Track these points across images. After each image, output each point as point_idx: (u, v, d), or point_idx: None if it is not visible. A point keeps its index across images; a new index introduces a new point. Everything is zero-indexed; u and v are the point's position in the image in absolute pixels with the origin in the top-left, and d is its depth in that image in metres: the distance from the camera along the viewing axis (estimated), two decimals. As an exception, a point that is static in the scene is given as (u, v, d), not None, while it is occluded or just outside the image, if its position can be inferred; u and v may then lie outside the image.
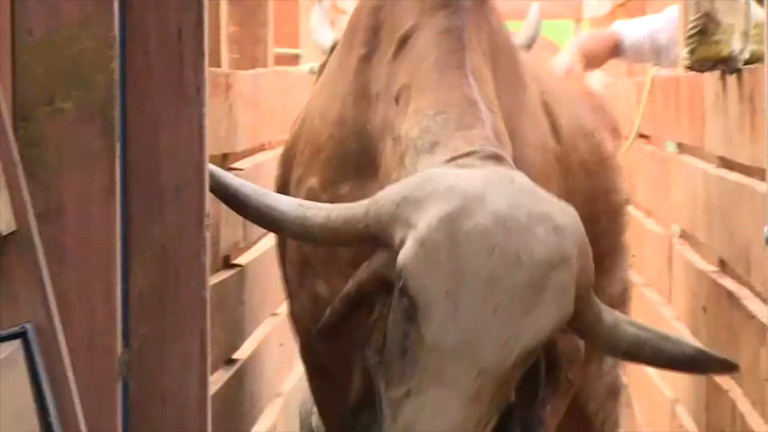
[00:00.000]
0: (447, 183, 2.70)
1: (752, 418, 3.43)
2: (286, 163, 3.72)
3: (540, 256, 2.57)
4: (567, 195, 3.16)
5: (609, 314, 2.76)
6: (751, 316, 3.46)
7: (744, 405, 3.56)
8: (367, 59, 3.33)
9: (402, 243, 2.74)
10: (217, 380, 3.38)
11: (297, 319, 3.68)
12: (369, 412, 2.94)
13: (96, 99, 2.39)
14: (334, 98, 3.44)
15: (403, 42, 3.17)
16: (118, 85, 2.42)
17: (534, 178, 2.97)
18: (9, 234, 2.13)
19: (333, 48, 3.90)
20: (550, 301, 2.56)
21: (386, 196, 2.88)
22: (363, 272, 2.98)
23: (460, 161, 2.83)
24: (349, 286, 3.00)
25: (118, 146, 2.41)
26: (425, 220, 2.67)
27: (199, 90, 2.68)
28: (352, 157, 3.29)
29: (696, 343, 4.20)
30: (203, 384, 2.76)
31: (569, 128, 3.59)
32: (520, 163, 3.04)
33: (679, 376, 4.62)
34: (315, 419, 4.71)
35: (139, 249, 2.62)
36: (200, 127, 2.67)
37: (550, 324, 2.59)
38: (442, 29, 3.12)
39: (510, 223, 2.55)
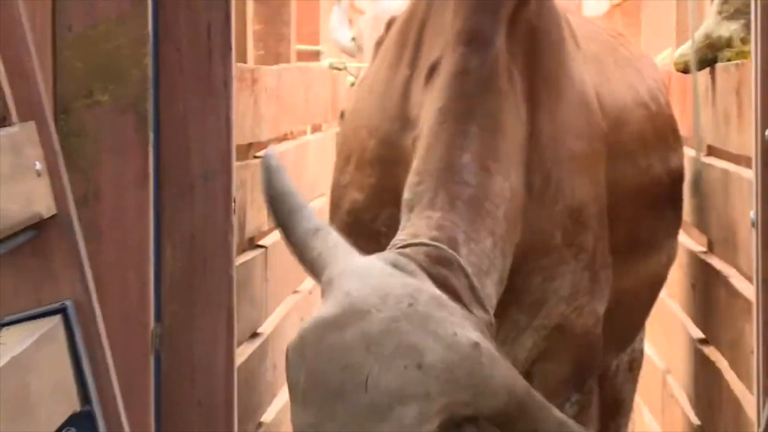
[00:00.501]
0: (349, 287, 2.50)
1: (738, 387, 3.41)
2: (338, 155, 3.51)
3: (387, 387, 2.34)
4: (615, 174, 3.10)
5: (552, 425, 2.52)
6: (737, 294, 3.44)
7: (730, 376, 3.54)
8: (409, 81, 3.11)
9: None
10: (242, 353, 3.35)
11: None
12: None
13: (130, 93, 2.38)
14: (382, 116, 3.20)
15: (431, 73, 2.94)
16: (151, 79, 2.41)
17: (579, 169, 2.91)
18: (50, 217, 2.11)
19: (379, 43, 3.52)
20: (397, 427, 2.34)
21: (329, 271, 2.62)
22: None
23: (403, 251, 2.63)
24: None
25: (151, 136, 2.39)
26: (313, 317, 2.50)
27: (227, 84, 2.68)
28: (393, 186, 3.04)
29: (689, 325, 4.21)
30: (230, 357, 2.75)
31: (619, 105, 3.33)
32: (558, 162, 2.92)
33: (671, 349, 4.61)
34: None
35: (170, 232, 2.62)
36: (227, 119, 2.67)
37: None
38: (457, 70, 2.87)
39: (373, 348, 2.37)
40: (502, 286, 2.78)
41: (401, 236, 2.71)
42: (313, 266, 2.64)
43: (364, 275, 2.54)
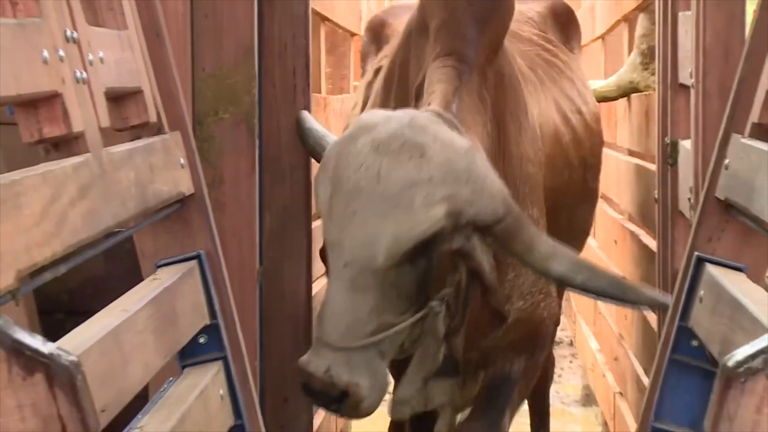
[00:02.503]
0: (365, 116, 2.18)
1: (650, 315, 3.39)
2: None
3: (395, 176, 2.01)
4: (552, 183, 2.64)
5: (546, 246, 2.13)
6: (644, 246, 3.42)
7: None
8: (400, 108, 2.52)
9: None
10: (317, 285, 3.34)
11: None
12: None
13: (243, 111, 2.38)
14: None
15: (417, 92, 2.38)
16: (257, 103, 2.40)
17: (533, 187, 2.52)
18: (189, 195, 2.11)
19: (369, 85, 3.02)
20: (403, 215, 1.99)
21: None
22: None
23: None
24: None
25: (257, 142, 2.39)
26: (334, 141, 2.19)
27: (306, 108, 2.68)
28: None
29: (613, 267, 4.18)
30: (308, 287, 2.75)
31: (551, 127, 2.81)
32: (523, 180, 2.50)
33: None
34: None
35: (269, 205, 2.62)
36: (307, 131, 2.65)
37: (406, 234, 2.00)
38: (440, 68, 2.31)
39: (381, 149, 2.03)
40: None
41: None
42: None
43: (371, 113, 2.24)
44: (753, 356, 1.11)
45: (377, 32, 3.27)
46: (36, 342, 1.06)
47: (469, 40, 2.33)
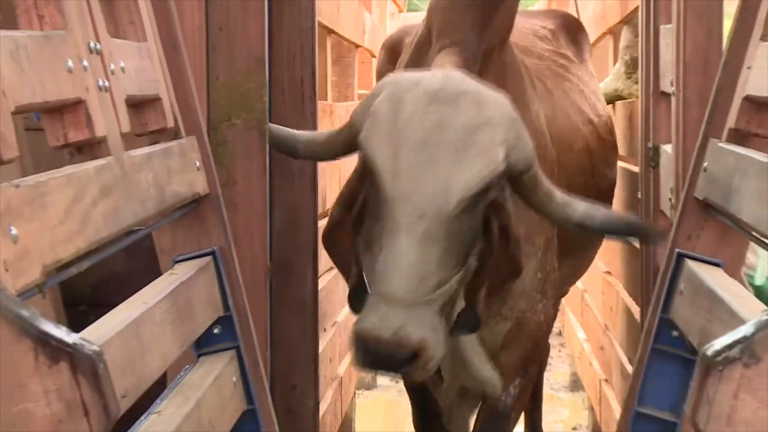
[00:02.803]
0: (393, 77, 2.06)
1: (629, 301, 3.38)
2: None
3: (461, 121, 1.91)
4: (568, 186, 2.32)
5: (561, 195, 2.05)
6: (629, 243, 3.41)
7: (624, 294, 3.52)
8: None
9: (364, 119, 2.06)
10: (323, 279, 3.35)
11: None
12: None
13: (255, 118, 2.36)
14: None
15: None
16: (267, 110, 2.39)
17: None
18: (204, 195, 2.10)
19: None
20: (473, 157, 1.89)
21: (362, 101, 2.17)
22: (351, 176, 2.20)
23: None
24: (342, 190, 2.22)
25: (267, 146, 2.38)
26: (376, 103, 2.00)
27: (313, 114, 2.69)
28: None
29: (600, 263, 4.17)
30: (315, 281, 2.74)
31: (566, 133, 2.75)
32: None
33: (587, 278, 4.56)
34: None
35: (279, 204, 2.61)
36: (314, 136, 2.63)
37: (477, 176, 1.90)
38: (443, 51, 2.22)
39: (438, 96, 1.93)
40: None
41: None
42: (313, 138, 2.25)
43: (396, 76, 2.09)
44: (730, 346, 1.10)
45: (393, 51, 3.18)
46: (61, 333, 1.06)
47: (471, 33, 2.24)
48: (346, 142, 2.13)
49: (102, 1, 1.74)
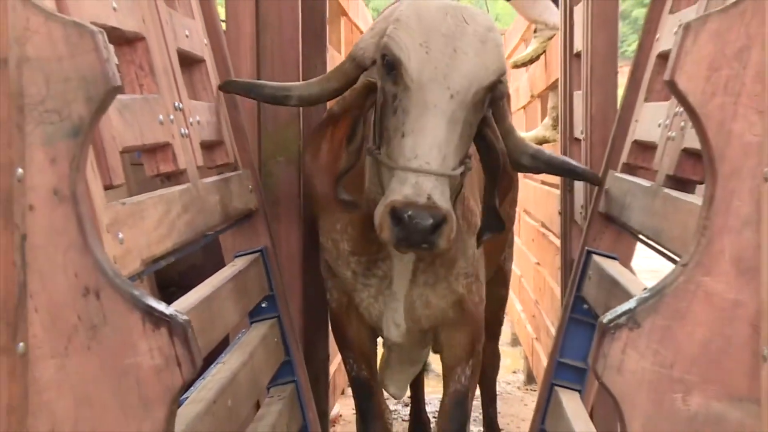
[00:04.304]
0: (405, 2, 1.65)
1: (552, 284, 3.37)
2: None
3: (478, 19, 1.58)
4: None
5: (518, 135, 1.77)
6: (552, 243, 3.40)
7: (549, 279, 3.50)
8: None
9: (383, 35, 1.63)
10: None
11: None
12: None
13: (292, 157, 2.35)
14: None
15: None
16: (300, 150, 2.37)
17: (471, 185, 1.91)
18: (255, 210, 2.09)
19: None
20: (491, 51, 1.56)
21: (363, 36, 1.75)
22: (352, 88, 1.72)
23: None
24: (343, 99, 1.72)
25: (300, 176, 2.36)
26: (398, 13, 1.61)
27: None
28: None
29: (532, 258, 4.15)
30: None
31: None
32: (471, 180, 1.88)
33: (522, 269, 4.53)
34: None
35: (304, 217, 2.59)
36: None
37: (492, 68, 1.56)
38: None
39: (461, 8, 1.60)
40: None
41: None
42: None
43: None
44: (619, 315, 1.09)
45: None
46: (161, 306, 1.05)
47: None
48: (348, 71, 1.75)
49: (184, 73, 1.73)
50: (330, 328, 2.33)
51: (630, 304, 1.09)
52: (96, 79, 1.00)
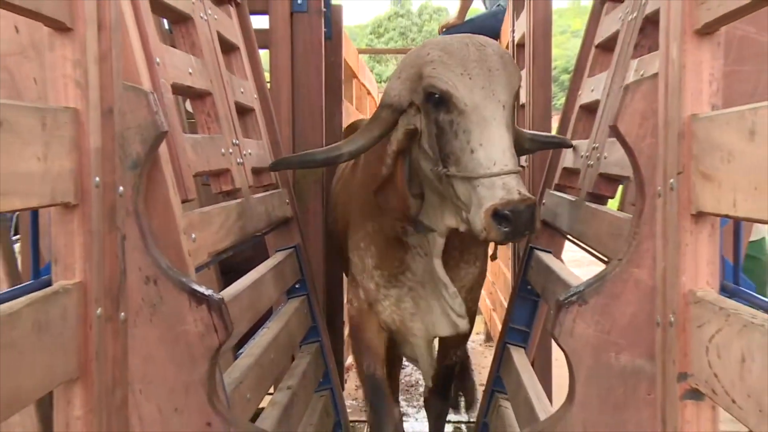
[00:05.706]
0: (432, 42, 1.43)
1: (508, 277, 3.33)
2: None
3: (489, 42, 1.38)
4: None
5: (518, 127, 1.56)
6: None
7: (509, 275, 3.46)
8: None
9: (421, 78, 1.38)
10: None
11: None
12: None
13: (317, 178, 2.33)
14: None
15: None
16: (324, 173, 2.36)
17: None
18: (291, 217, 2.07)
19: None
20: (510, 63, 1.36)
21: (389, 83, 1.46)
22: (396, 136, 1.47)
23: None
24: (391, 148, 1.49)
25: (323, 193, 2.34)
26: (428, 57, 1.38)
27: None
28: None
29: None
30: (346, 262, 2.69)
31: None
32: None
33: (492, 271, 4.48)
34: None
35: (324, 222, 2.57)
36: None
37: (516, 76, 1.37)
38: None
39: (472, 37, 1.38)
40: None
41: None
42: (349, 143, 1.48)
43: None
44: (572, 294, 1.09)
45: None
46: (202, 289, 1.06)
47: None
48: (388, 118, 1.46)
49: (239, 119, 1.73)
50: (347, 323, 2.24)
51: (580, 287, 1.07)
52: (148, 126, 1.01)
